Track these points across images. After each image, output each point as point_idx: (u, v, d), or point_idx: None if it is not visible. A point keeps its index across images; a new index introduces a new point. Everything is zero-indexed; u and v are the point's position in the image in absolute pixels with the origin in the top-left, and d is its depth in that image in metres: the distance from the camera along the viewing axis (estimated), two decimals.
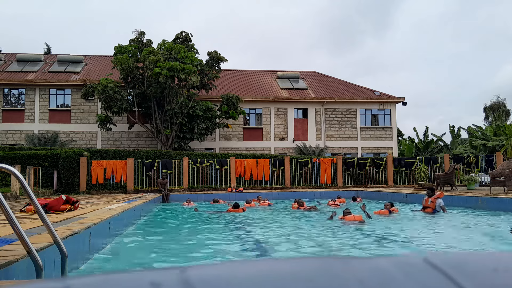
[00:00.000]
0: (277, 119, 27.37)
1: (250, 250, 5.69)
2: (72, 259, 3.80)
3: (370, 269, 0.49)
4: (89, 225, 5.02)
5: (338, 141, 27.64)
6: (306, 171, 20.18)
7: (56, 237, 3.28)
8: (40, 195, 14.24)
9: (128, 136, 25.62)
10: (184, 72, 20.64)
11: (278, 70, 32.71)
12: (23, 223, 5.21)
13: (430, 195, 10.31)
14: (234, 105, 22.78)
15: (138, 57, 22.54)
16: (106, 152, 19.72)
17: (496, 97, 55.04)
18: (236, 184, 19.23)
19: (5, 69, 26.57)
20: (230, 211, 10.58)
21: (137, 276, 0.47)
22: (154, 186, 18.49)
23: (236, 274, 0.48)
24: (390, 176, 20.20)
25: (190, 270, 0.48)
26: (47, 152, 18.09)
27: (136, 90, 22.72)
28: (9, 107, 25.26)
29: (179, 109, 21.84)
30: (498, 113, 41.76)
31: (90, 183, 18.10)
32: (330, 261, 0.52)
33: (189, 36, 23.62)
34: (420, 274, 0.48)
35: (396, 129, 28.57)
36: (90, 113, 25.63)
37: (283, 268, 0.50)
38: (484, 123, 47.78)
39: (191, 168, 19.20)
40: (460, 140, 34.89)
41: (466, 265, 0.50)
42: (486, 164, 19.67)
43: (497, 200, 10.11)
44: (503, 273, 0.48)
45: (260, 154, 22.53)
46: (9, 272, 2.78)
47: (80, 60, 28.99)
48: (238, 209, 10.56)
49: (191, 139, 23.01)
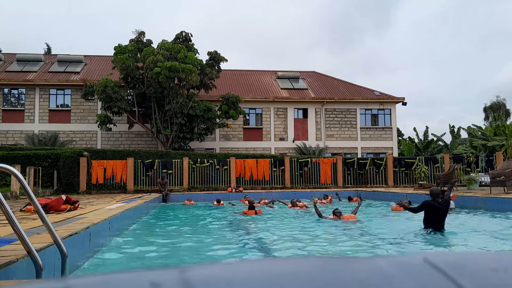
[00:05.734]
0: (277, 119, 27.37)
1: (245, 248, 5.69)
2: (72, 259, 3.80)
3: (370, 269, 0.49)
4: (89, 225, 5.02)
5: (338, 141, 27.65)
6: (306, 171, 20.18)
7: (56, 237, 3.28)
8: (40, 195, 14.25)
9: (128, 136, 25.63)
10: (184, 72, 20.65)
11: (278, 70, 32.72)
12: (23, 223, 5.21)
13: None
14: (234, 105, 22.78)
15: (138, 57, 22.54)
16: (106, 152, 19.72)
17: (496, 97, 55.03)
18: (236, 184, 19.22)
19: (5, 69, 26.57)
20: (245, 212, 10.40)
21: (137, 276, 0.47)
22: (154, 186, 18.49)
23: (236, 274, 0.48)
24: (390, 176, 20.20)
25: (190, 270, 0.48)
26: (47, 152, 18.09)
27: (136, 90, 22.72)
28: (9, 107, 25.26)
29: (179, 109, 21.84)
30: (498, 113, 41.77)
31: (90, 183, 18.10)
32: (330, 261, 0.52)
33: (189, 36, 23.63)
34: (420, 274, 0.48)
35: (396, 129, 28.57)
36: (90, 113, 25.63)
37: (283, 268, 0.50)
38: (484, 123, 47.80)
39: (191, 168, 19.20)
40: (460, 140, 34.88)
41: (466, 265, 0.50)
42: (486, 164, 19.67)
43: (497, 200, 10.11)
44: (503, 273, 0.48)
45: (260, 154, 22.53)
46: (9, 272, 2.78)
47: (80, 60, 28.99)
48: (251, 211, 10.33)
49: (191, 139, 23.01)
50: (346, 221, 8.29)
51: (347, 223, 8.16)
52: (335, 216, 8.66)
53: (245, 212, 10.38)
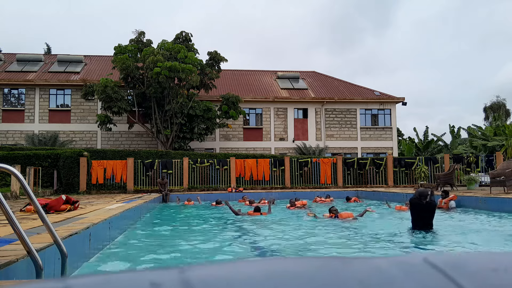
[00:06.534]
0: (277, 119, 27.38)
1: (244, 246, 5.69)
2: (72, 259, 3.80)
3: (370, 269, 0.49)
4: (89, 225, 5.02)
5: (338, 141, 27.65)
6: (306, 171, 20.18)
7: (56, 237, 3.28)
8: (40, 195, 14.25)
9: (128, 136, 25.63)
10: (184, 72, 20.65)
11: (278, 70, 32.73)
12: (23, 223, 5.21)
13: (444, 197, 10.89)
14: (234, 105, 22.78)
15: (138, 57, 22.55)
16: (106, 152, 19.72)
17: (496, 97, 55.03)
18: (236, 184, 19.22)
19: (5, 69, 26.58)
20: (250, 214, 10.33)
21: (137, 276, 0.47)
22: (154, 186, 18.49)
23: (236, 274, 0.48)
24: (390, 176, 20.20)
25: (190, 270, 0.48)
26: (47, 152, 18.09)
27: (136, 90, 22.73)
28: (9, 107, 25.27)
29: (179, 109, 21.85)
30: (498, 113, 41.77)
31: (90, 183, 18.10)
32: (330, 261, 0.52)
33: (189, 36, 23.63)
34: (420, 274, 0.48)
35: (396, 129, 28.58)
36: (90, 113, 25.63)
37: (283, 268, 0.50)
38: (484, 123, 47.81)
39: (191, 168, 19.20)
40: (460, 140, 34.88)
41: (466, 265, 0.50)
42: (486, 164, 19.67)
43: (497, 200, 10.11)
44: (503, 273, 0.48)
45: (260, 154, 22.53)
46: (9, 272, 2.78)
47: (80, 60, 28.99)
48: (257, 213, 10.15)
49: (191, 139, 23.01)
50: (343, 220, 8.30)
51: (344, 221, 8.17)
52: (332, 215, 8.66)
53: (249, 213, 10.32)
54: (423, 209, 6.80)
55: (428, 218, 6.81)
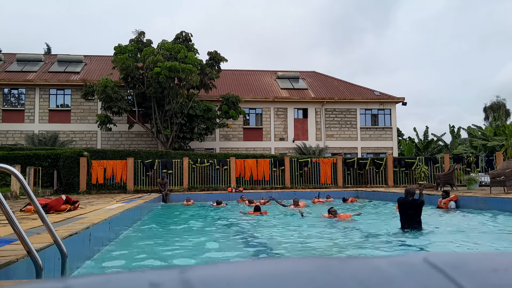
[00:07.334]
0: (277, 119, 27.37)
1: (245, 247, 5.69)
2: (72, 259, 3.80)
3: (370, 269, 0.49)
4: (89, 225, 5.02)
5: (338, 141, 27.65)
6: (306, 171, 20.18)
7: (56, 237, 3.28)
8: (40, 195, 14.24)
9: (128, 136, 25.63)
10: (184, 72, 20.64)
11: (278, 70, 32.71)
12: (23, 223, 5.21)
13: (444, 197, 11.01)
14: (234, 105, 22.78)
15: (138, 57, 22.54)
16: (106, 152, 19.72)
17: (496, 97, 55.03)
18: (236, 184, 19.22)
19: (5, 69, 26.57)
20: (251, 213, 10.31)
21: (137, 276, 0.47)
22: (154, 186, 18.49)
23: (236, 274, 0.48)
24: (390, 176, 20.20)
25: (190, 271, 0.48)
26: (47, 152, 18.09)
27: (136, 90, 22.72)
28: (9, 107, 25.26)
29: (179, 109, 21.84)
30: (498, 113, 41.75)
31: (90, 183, 18.10)
32: (330, 261, 0.52)
33: (189, 36, 23.63)
34: (420, 274, 0.48)
35: (396, 129, 28.57)
36: (90, 113, 25.63)
37: (283, 268, 0.50)
38: (484, 123, 47.79)
39: (191, 168, 19.19)
40: (460, 140, 34.87)
41: (466, 265, 0.50)
42: (486, 164, 19.67)
43: (497, 200, 10.11)
44: (503, 273, 0.48)
45: (260, 154, 22.53)
46: (9, 272, 2.78)
47: (80, 60, 28.99)
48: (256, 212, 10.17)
49: (191, 139, 23.00)
50: (341, 220, 8.31)
51: (342, 222, 8.18)
52: (331, 215, 8.67)
53: (250, 213, 10.32)
54: (408, 207, 6.92)
55: (415, 216, 6.89)
